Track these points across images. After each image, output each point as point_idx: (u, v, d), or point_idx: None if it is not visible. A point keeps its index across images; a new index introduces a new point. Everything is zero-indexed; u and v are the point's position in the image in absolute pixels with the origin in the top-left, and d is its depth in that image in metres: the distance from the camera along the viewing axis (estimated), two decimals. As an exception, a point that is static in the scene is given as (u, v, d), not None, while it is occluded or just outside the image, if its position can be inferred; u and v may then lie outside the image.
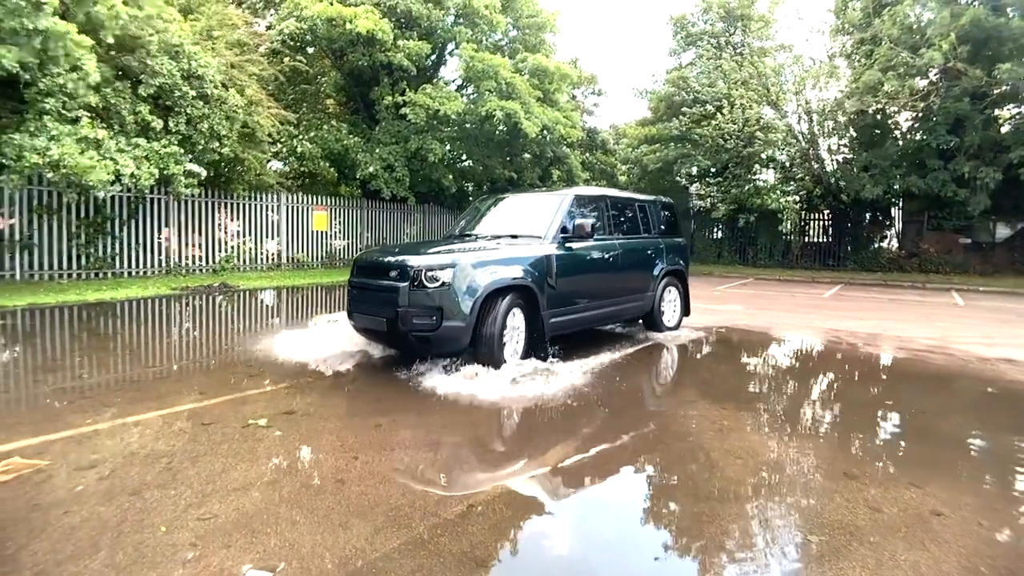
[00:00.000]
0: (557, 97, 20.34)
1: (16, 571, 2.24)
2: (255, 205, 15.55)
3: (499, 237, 6.13)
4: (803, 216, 21.81)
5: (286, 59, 16.87)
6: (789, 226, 20.89)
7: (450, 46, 19.69)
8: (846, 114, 18.82)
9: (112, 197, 12.12)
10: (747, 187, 20.17)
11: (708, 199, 21.62)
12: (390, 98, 17.48)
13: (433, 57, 19.72)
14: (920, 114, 18.20)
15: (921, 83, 17.17)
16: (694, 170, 22.45)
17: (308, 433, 3.82)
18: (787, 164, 20.93)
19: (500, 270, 5.24)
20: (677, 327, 7.94)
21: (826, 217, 21.94)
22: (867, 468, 3.51)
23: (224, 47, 13.47)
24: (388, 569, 2.33)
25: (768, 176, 21.59)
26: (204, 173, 12.64)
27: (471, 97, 18.18)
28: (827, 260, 21.22)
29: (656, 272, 7.50)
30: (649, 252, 7.49)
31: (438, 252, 5.41)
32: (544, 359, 5.55)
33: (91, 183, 9.98)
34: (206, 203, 14.27)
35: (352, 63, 17.24)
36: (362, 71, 18.00)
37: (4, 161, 9.69)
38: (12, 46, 8.83)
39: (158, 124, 11.45)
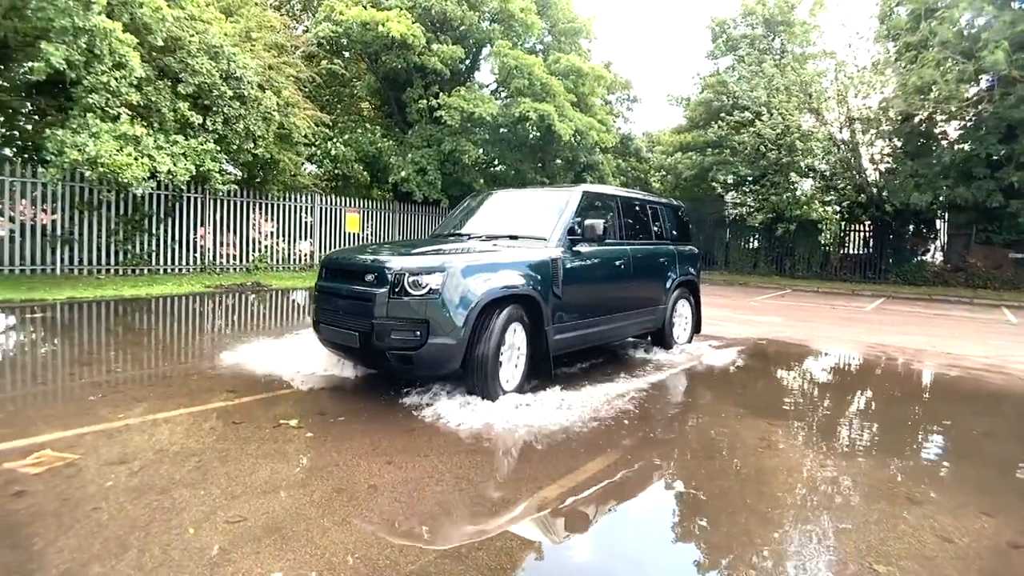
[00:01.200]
0: (591, 101, 20.16)
1: (42, 569, 2.16)
2: (289, 206, 15.69)
3: (496, 238, 5.33)
4: (843, 227, 21.23)
5: (323, 61, 17.02)
6: (829, 237, 20.33)
7: (484, 50, 19.71)
8: (891, 121, 18.26)
9: (150, 195, 12.31)
10: (785, 195, 19.70)
11: (744, 207, 21.18)
12: (424, 102, 17.52)
13: (467, 62, 19.74)
14: (970, 122, 17.57)
15: (972, 90, 16.59)
16: (730, 179, 22.04)
17: (340, 435, 3.72)
18: (827, 173, 20.40)
19: (498, 276, 4.46)
20: (689, 343, 7.33)
21: (867, 228, 21.32)
22: (931, 493, 3.27)
23: (263, 48, 13.63)
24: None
25: (807, 185, 21.08)
26: (238, 174, 12.80)
27: (505, 101, 18.12)
28: (867, 272, 20.59)
29: (669, 283, 6.82)
30: (662, 260, 6.78)
31: (425, 253, 4.64)
32: (548, 384, 4.84)
33: (126, 180, 10.15)
34: (241, 203, 14.44)
35: (387, 66, 17.34)
36: (396, 74, 18.09)
37: (46, 156, 9.92)
38: (60, 44, 9.02)
39: (197, 120, 11.62)
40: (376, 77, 19.33)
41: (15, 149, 12.02)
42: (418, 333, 4.09)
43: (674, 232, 7.24)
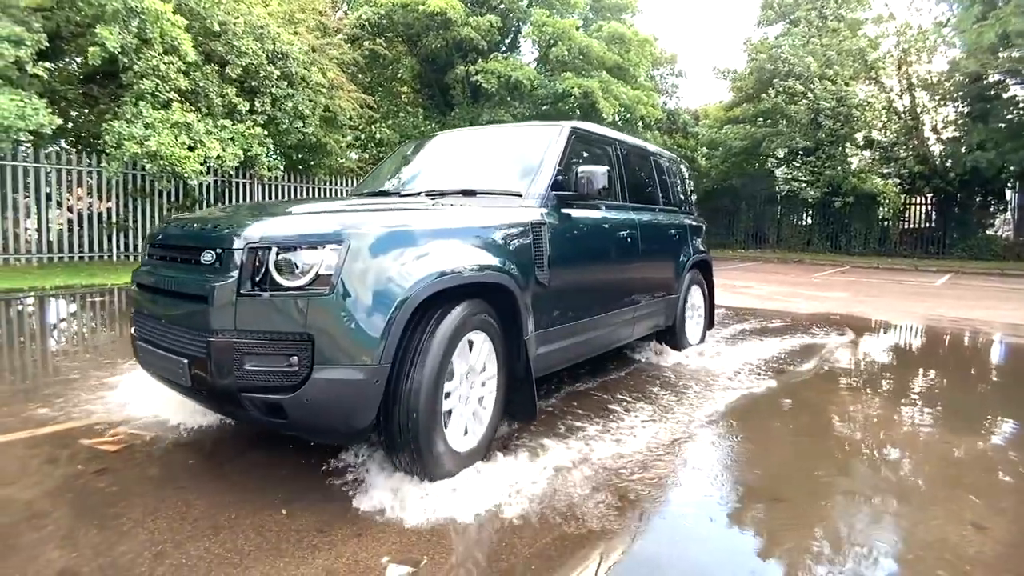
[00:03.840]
0: (637, 73, 19.54)
1: (133, 552, 2.00)
2: (335, 190, 15.67)
3: (442, 195, 3.39)
4: (903, 200, 20.23)
5: (366, 42, 16.92)
6: (888, 211, 19.37)
7: (524, 28, 19.35)
8: (957, 86, 17.22)
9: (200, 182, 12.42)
10: (840, 168, 18.79)
11: (796, 182, 20.33)
12: (462, 68, 17.25)
13: (507, 41, 19.40)
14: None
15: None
16: (780, 153, 21.15)
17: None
18: (886, 143, 19.40)
19: (444, 251, 2.55)
20: (702, 341, 5.57)
21: (929, 201, 20.27)
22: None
23: (306, 31, 13.53)
24: (547, 567, 1.96)
25: (864, 156, 20.09)
26: (282, 165, 12.85)
27: (548, 77, 17.75)
28: (928, 247, 19.59)
29: (682, 264, 5.07)
30: (674, 233, 4.99)
31: (313, 213, 2.66)
32: (530, 433, 3.14)
33: (186, 174, 10.23)
34: (288, 187, 14.45)
35: (427, 48, 17.15)
36: (436, 56, 17.90)
37: (104, 148, 10.01)
38: (113, 27, 9.05)
39: (244, 106, 11.59)
40: (417, 60, 19.16)
41: (71, 140, 12.18)
42: (294, 359, 2.18)
43: (681, 196, 5.55)
